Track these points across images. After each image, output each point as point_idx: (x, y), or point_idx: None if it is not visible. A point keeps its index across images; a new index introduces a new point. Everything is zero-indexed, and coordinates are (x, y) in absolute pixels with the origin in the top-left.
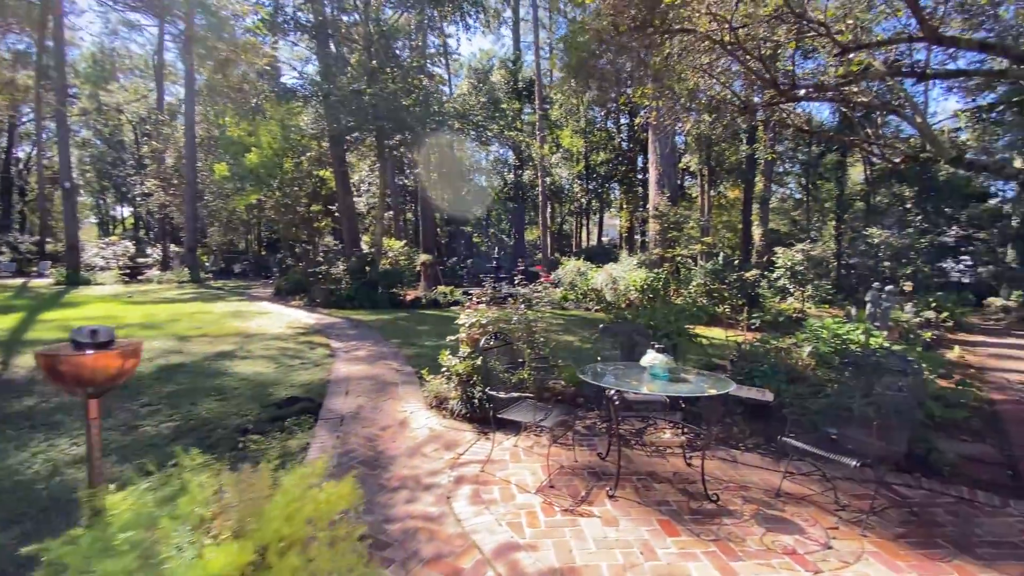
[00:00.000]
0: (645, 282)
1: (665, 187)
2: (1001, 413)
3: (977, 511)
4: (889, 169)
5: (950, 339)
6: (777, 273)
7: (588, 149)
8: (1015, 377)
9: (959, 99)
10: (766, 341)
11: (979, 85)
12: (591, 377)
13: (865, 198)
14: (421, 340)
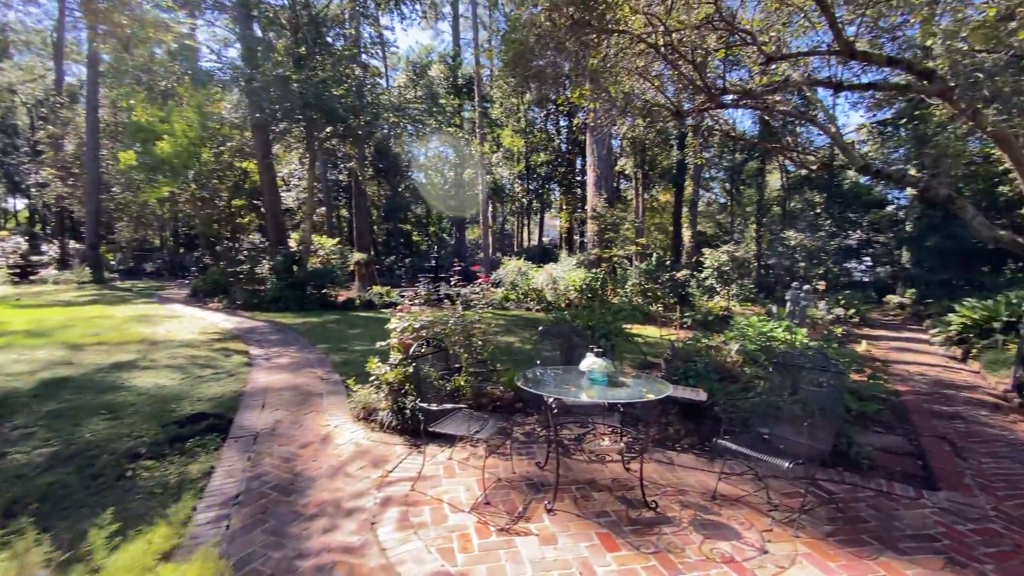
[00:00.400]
0: (584, 282)
1: (602, 189)
2: (906, 404)
3: (895, 503)
4: (803, 177)
5: (857, 334)
6: (705, 273)
7: (528, 149)
8: (914, 369)
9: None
10: (698, 340)
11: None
12: (529, 384)
13: (782, 203)
14: (352, 345)
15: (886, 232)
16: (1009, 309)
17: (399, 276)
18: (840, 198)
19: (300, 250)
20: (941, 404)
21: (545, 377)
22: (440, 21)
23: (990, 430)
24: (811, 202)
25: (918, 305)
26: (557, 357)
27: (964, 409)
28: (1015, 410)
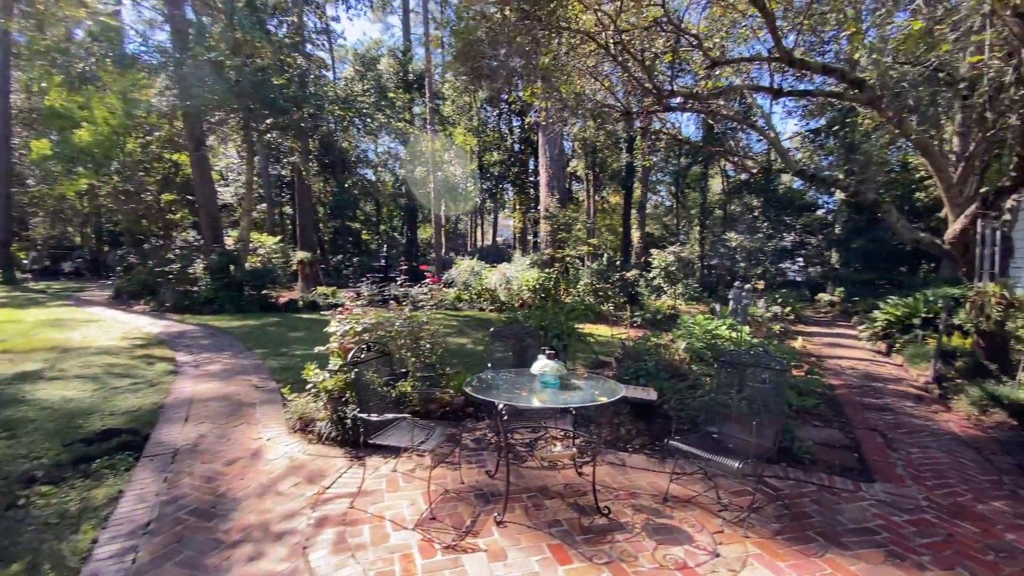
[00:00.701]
0: (537, 282)
1: (555, 189)
2: (840, 398)
3: (837, 497)
4: (742, 182)
5: (793, 330)
6: (653, 273)
7: (481, 148)
8: (845, 363)
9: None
10: (647, 339)
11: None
12: (478, 389)
13: (723, 207)
14: (292, 349)
15: (817, 234)
16: (927, 306)
17: (347, 276)
18: (776, 202)
19: (238, 248)
20: (871, 397)
21: (495, 381)
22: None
23: (915, 420)
24: (750, 206)
25: (846, 303)
26: (509, 359)
27: (892, 401)
28: (936, 400)
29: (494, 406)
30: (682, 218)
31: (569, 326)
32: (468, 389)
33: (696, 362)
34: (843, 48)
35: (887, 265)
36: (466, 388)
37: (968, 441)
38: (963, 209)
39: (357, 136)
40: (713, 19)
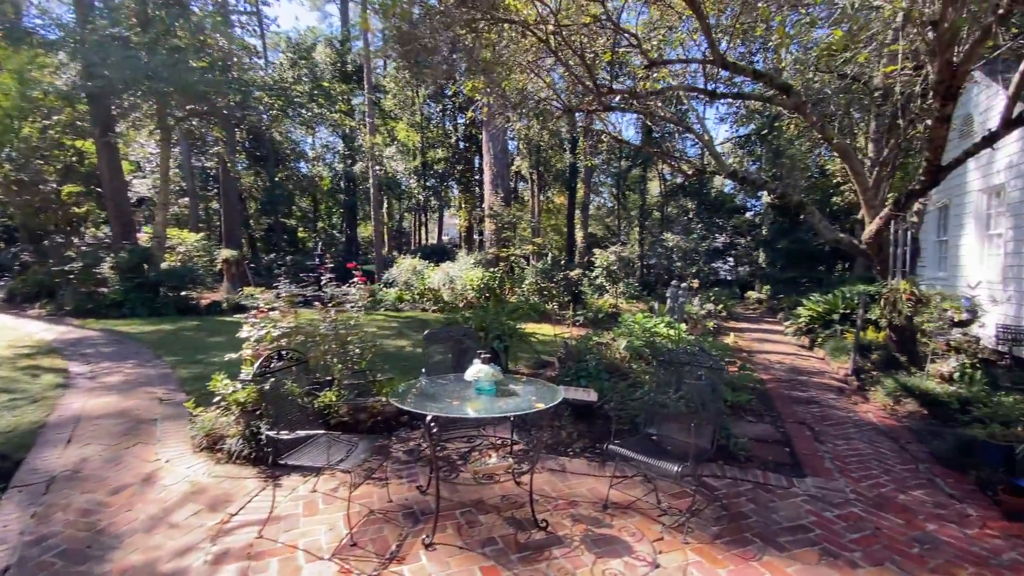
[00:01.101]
0: (482, 281)
1: (499, 187)
2: (770, 392)
3: (771, 495)
4: (677, 185)
5: (726, 327)
6: (596, 272)
7: (425, 145)
8: (774, 358)
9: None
10: (588, 338)
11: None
12: (407, 400)
13: (661, 209)
14: (210, 356)
15: (746, 236)
16: (844, 303)
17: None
18: (709, 205)
19: (153, 246)
20: (798, 390)
21: (428, 388)
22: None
23: (839, 412)
24: (685, 208)
25: (772, 300)
26: (448, 362)
27: (817, 394)
28: (855, 392)
29: (423, 417)
30: (623, 219)
31: (511, 326)
32: (395, 400)
33: (636, 360)
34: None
35: (808, 264)
36: (393, 399)
37: (886, 431)
38: (878, 211)
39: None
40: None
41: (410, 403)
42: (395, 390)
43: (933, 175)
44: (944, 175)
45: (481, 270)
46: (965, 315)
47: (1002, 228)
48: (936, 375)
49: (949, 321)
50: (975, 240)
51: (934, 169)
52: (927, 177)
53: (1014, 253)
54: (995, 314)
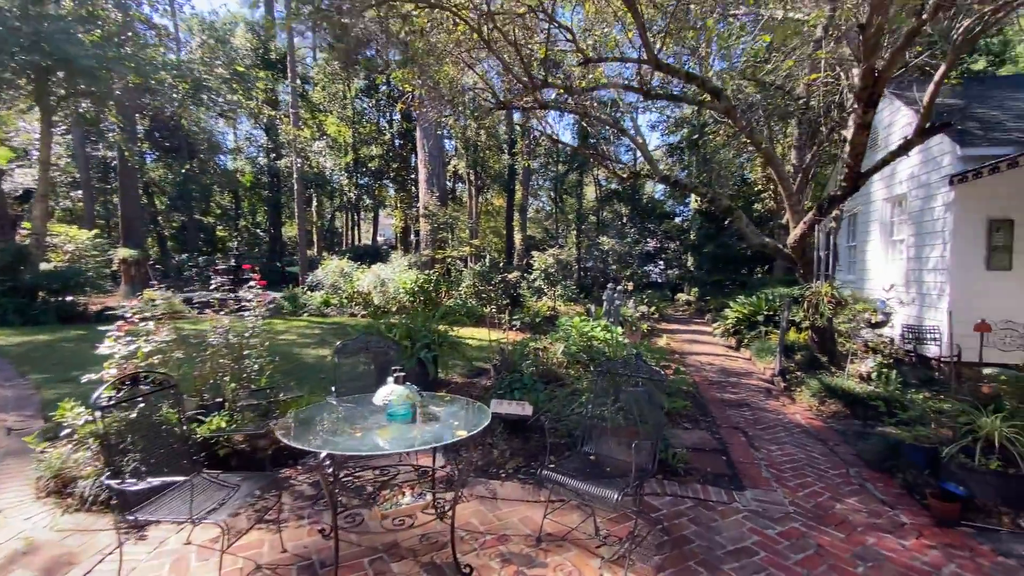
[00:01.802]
0: (416, 284)
1: (434, 186)
2: (703, 394)
3: (713, 512)
4: (612, 191)
5: (659, 328)
6: (534, 275)
7: (357, 141)
8: (704, 359)
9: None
10: (525, 344)
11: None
12: (298, 431)
13: (596, 213)
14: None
15: (676, 240)
16: (768, 305)
17: (190, 278)
18: (641, 210)
19: (30, 243)
20: (730, 392)
21: (326, 415)
22: None
23: (769, 415)
24: (619, 213)
25: (700, 301)
26: (370, 377)
27: (747, 396)
28: (782, 392)
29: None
30: (560, 222)
31: (442, 334)
32: (280, 433)
33: (573, 365)
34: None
35: (732, 268)
36: (279, 432)
37: (814, 433)
38: (801, 216)
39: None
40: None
41: (300, 435)
42: (289, 417)
43: (854, 180)
44: (863, 181)
45: (416, 272)
46: (880, 317)
47: (904, 235)
48: (855, 375)
49: (866, 322)
50: (880, 246)
51: (855, 175)
52: (848, 183)
53: (915, 258)
54: (900, 315)
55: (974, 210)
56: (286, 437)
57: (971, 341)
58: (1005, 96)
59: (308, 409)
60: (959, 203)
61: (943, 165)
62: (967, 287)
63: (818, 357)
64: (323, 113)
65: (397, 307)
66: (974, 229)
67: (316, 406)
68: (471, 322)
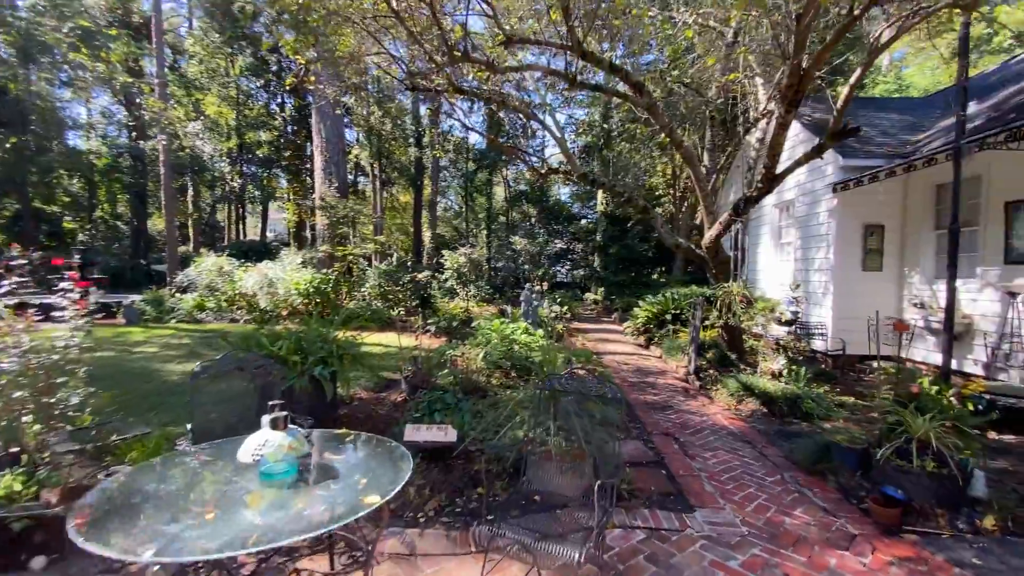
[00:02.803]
0: (311, 284)
1: (333, 176)
2: (627, 397)
3: (668, 544)
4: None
5: (573, 329)
6: (446, 275)
7: (243, 124)
8: (620, 359)
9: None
10: (442, 351)
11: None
12: (108, 526)
13: (506, 213)
14: None
15: (582, 241)
16: (674, 304)
17: (23, 277)
18: (548, 212)
19: None
20: (651, 394)
21: (167, 480)
22: None
23: (694, 417)
24: (528, 214)
25: (607, 301)
26: (246, 403)
27: (667, 397)
28: (699, 392)
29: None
30: (471, 221)
31: (343, 343)
32: (72, 527)
33: (495, 373)
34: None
35: (636, 268)
36: (71, 527)
37: (740, 435)
38: (716, 217)
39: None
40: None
41: (107, 526)
42: (91, 494)
43: (770, 181)
44: (779, 182)
45: (311, 271)
46: (789, 315)
47: (792, 238)
48: (768, 372)
49: (777, 321)
50: (771, 249)
51: (771, 176)
52: (764, 183)
53: (802, 259)
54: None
55: (853, 216)
56: (81, 535)
57: (854, 335)
58: (871, 115)
59: (139, 470)
60: (840, 209)
61: (827, 174)
62: (847, 286)
63: (728, 355)
64: (201, 91)
65: (289, 311)
66: (852, 233)
67: (158, 463)
68: (377, 327)
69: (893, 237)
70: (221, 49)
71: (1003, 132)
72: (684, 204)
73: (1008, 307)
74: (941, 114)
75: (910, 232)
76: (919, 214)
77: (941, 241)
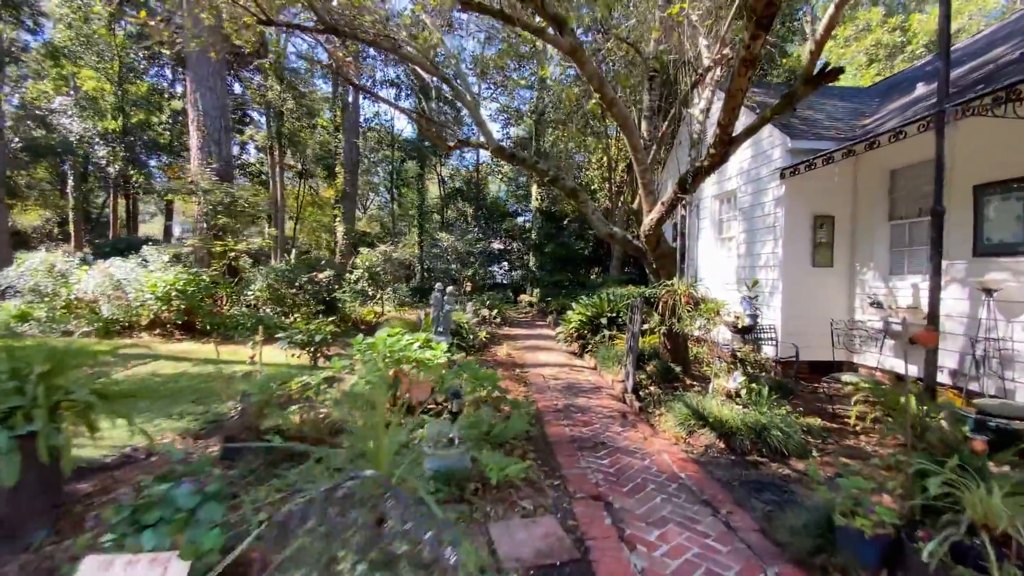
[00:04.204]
0: (173, 287)
1: (212, 155)
2: (548, 428)
3: None
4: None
5: (500, 335)
6: (356, 275)
7: (127, 103)
8: (548, 372)
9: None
10: (286, 375)
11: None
12: None
13: (441, 211)
14: None
15: (517, 240)
16: (610, 306)
17: None
18: (485, 209)
19: None
20: (580, 424)
21: None
22: None
23: (633, 460)
24: (463, 212)
25: (542, 303)
26: None
27: (600, 426)
28: (639, 417)
29: None
30: (399, 218)
31: (93, 383)
32: None
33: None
34: None
35: (572, 268)
36: None
37: (694, 489)
38: (656, 198)
39: None
40: None
41: None
42: None
43: (726, 146)
44: (736, 147)
45: (181, 271)
46: (747, 320)
47: (734, 232)
48: (722, 392)
49: (731, 327)
50: (713, 243)
51: (728, 139)
52: (718, 149)
53: (747, 255)
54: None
55: (802, 205)
56: None
57: (805, 339)
58: (812, 102)
59: None
60: (788, 198)
61: (774, 159)
62: (797, 284)
63: (672, 367)
64: (71, 61)
65: (151, 319)
66: (801, 225)
67: None
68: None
69: (843, 228)
70: (98, 13)
71: (990, 95)
72: (620, 199)
73: (979, 306)
74: (881, 102)
75: (862, 223)
76: (871, 203)
77: (897, 232)
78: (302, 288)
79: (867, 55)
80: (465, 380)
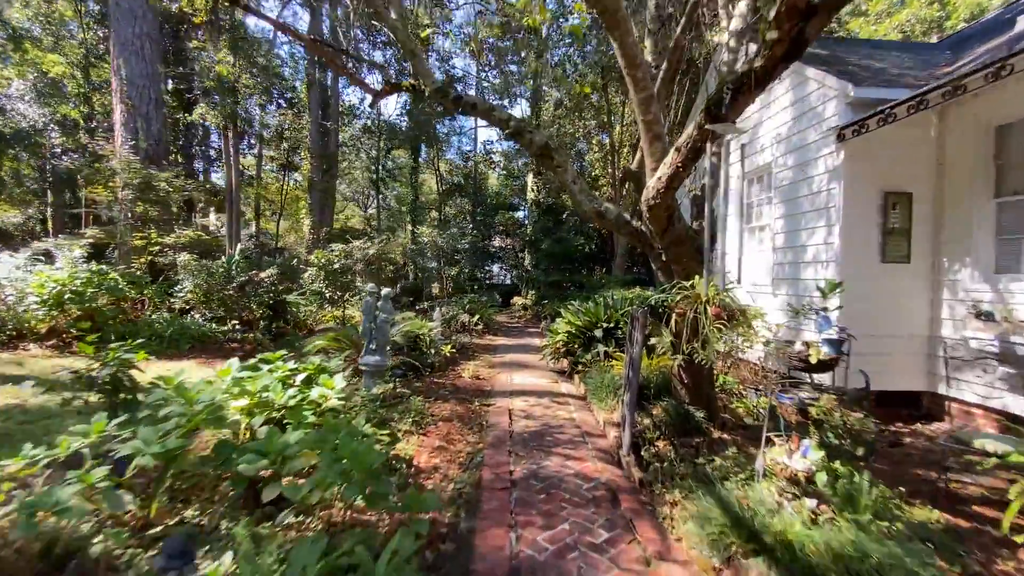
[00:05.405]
0: (68, 288)
1: (141, 134)
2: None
3: None
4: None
5: (477, 346)
6: (310, 272)
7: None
8: (519, 405)
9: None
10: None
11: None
12: None
13: (439, 208)
14: None
15: (513, 235)
16: (606, 313)
17: None
18: (484, 205)
19: None
20: (538, 517)
21: None
22: None
23: None
24: (463, 208)
25: (537, 306)
26: None
27: (573, 530)
28: (638, 499)
29: None
30: (387, 214)
31: None
32: None
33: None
34: None
35: (570, 267)
36: None
37: None
38: (665, 144)
39: None
40: None
41: None
42: None
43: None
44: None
45: (84, 270)
46: (825, 349)
47: (767, 219)
48: (779, 473)
49: (796, 357)
50: (736, 234)
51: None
52: (784, 29)
53: (785, 247)
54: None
55: (867, 178)
56: None
57: (878, 361)
58: (869, 52)
59: None
60: (848, 169)
61: (826, 117)
62: (861, 286)
63: (691, 412)
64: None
65: (48, 328)
66: (867, 206)
67: None
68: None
69: (924, 210)
70: None
71: None
72: (624, 189)
73: None
74: (955, 54)
75: (952, 202)
76: (966, 174)
77: (1009, 214)
78: (242, 289)
79: (901, 31)
80: (319, 462)
